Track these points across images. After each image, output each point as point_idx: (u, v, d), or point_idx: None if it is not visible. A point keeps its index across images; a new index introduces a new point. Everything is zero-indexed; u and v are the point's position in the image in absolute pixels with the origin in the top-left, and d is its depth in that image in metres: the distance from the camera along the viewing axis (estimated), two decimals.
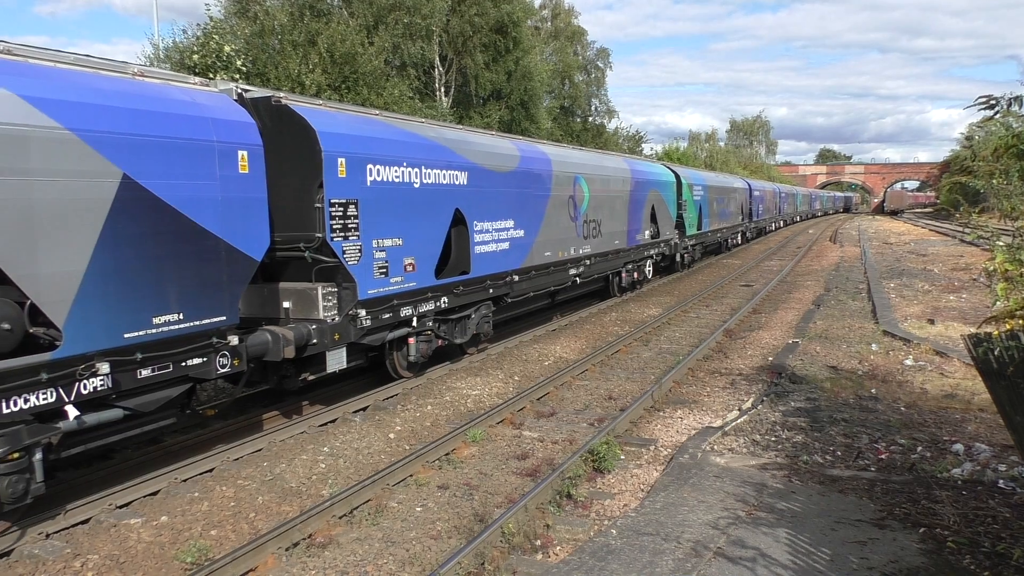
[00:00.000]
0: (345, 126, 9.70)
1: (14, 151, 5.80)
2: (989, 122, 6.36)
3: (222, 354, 7.74)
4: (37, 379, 6.05)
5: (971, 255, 29.92)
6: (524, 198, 14.19)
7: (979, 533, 5.83)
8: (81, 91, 6.45)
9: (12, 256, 5.80)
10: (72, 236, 6.21)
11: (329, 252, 9.19)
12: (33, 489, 6.18)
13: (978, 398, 9.69)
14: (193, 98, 7.62)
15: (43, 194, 6.01)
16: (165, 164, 6.98)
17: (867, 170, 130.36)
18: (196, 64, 21.36)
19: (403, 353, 11.11)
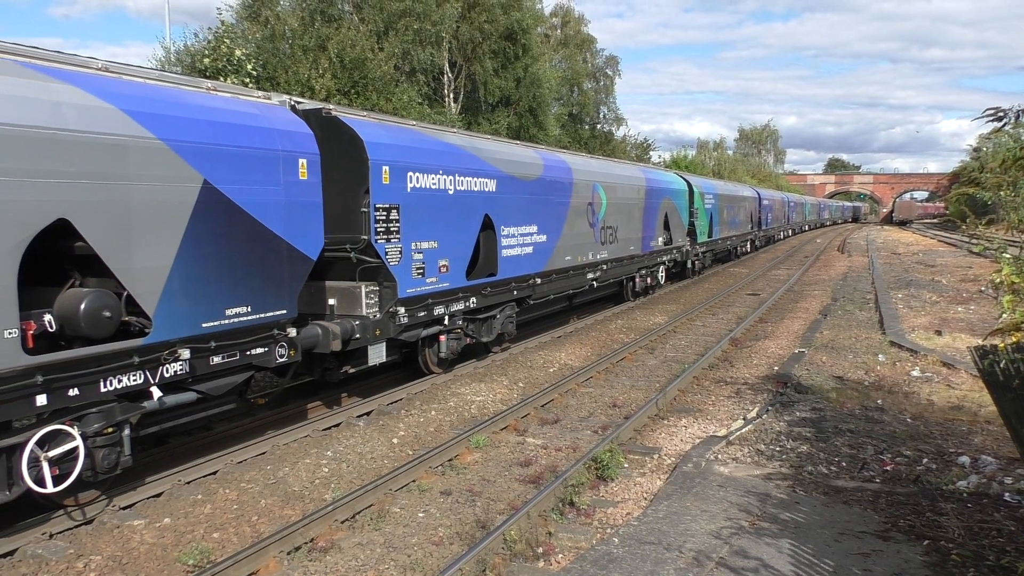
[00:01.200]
0: (388, 136, 10.38)
1: (117, 158, 6.49)
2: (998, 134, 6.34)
3: (280, 345, 8.41)
4: (130, 362, 6.73)
5: (979, 266, 29.79)
6: (547, 205, 14.80)
7: (984, 546, 5.79)
8: (169, 105, 7.16)
9: (113, 251, 6.47)
10: (161, 234, 6.88)
11: (373, 253, 9.87)
12: (122, 461, 6.82)
13: (985, 410, 9.64)
14: (260, 110, 8.35)
15: (138, 197, 6.66)
16: (238, 171, 7.68)
17: (876, 180, 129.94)
18: (207, 68, 21.49)
19: (434, 350, 11.79)
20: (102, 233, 6.38)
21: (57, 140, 6.04)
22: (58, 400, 6.22)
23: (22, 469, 5.99)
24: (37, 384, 5.99)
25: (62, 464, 6.30)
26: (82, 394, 6.39)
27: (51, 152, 6.00)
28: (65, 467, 6.33)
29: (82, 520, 6.76)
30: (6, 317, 5.70)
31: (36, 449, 6.10)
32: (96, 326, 6.39)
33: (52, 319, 6.28)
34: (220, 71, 21.53)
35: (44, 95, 6.06)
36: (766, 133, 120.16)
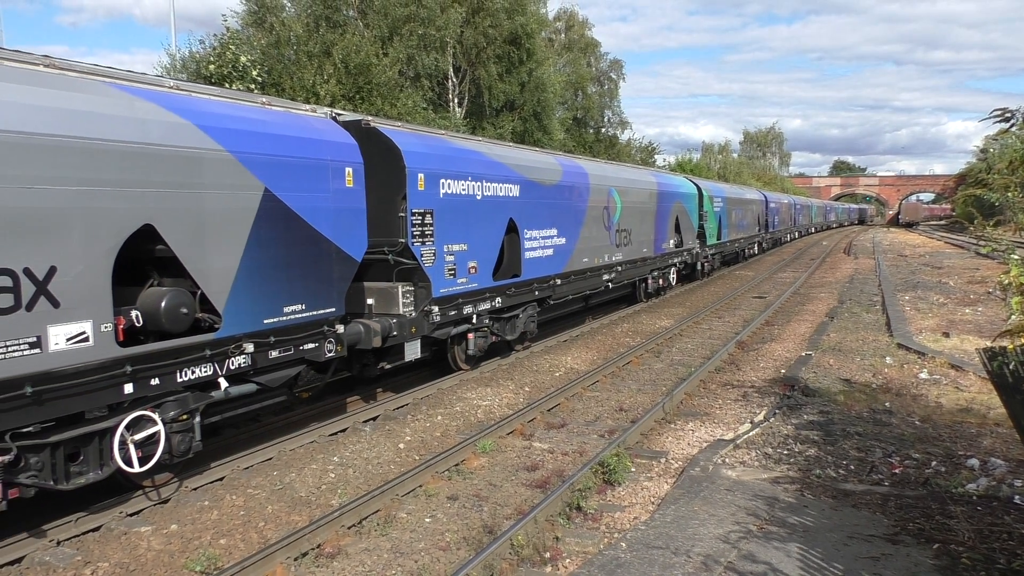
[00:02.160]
0: (422, 145, 11.04)
1: (193, 169, 7.13)
2: (1004, 135, 6.32)
3: (329, 340, 9.02)
4: (202, 355, 7.36)
5: (987, 268, 29.68)
6: (566, 209, 15.45)
7: (994, 549, 5.75)
8: (235, 119, 7.82)
9: (190, 253, 7.11)
10: (229, 238, 7.52)
11: (409, 255, 10.51)
12: (194, 446, 7.45)
13: (994, 412, 9.59)
14: (311, 123, 9.02)
15: (210, 204, 7.30)
16: (294, 179, 8.32)
17: (882, 182, 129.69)
18: (212, 74, 21.57)
19: (462, 347, 12.41)
20: (181, 237, 7.02)
21: (144, 153, 6.68)
22: (142, 389, 6.82)
23: (113, 450, 6.63)
24: (126, 374, 6.62)
25: (144, 447, 6.91)
26: (161, 383, 7.02)
27: (139, 164, 6.63)
28: (147, 450, 6.94)
29: (158, 500, 7.33)
30: (103, 312, 6.36)
31: (125, 433, 6.72)
32: (175, 321, 7.03)
33: (138, 315, 6.90)
34: (225, 77, 21.60)
35: (132, 113, 6.68)
36: (771, 136, 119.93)
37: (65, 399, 6.18)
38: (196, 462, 8.17)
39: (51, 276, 5.96)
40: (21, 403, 5.84)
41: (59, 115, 6.06)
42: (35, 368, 5.88)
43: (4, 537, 6.31)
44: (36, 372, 5.89)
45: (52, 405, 6.08)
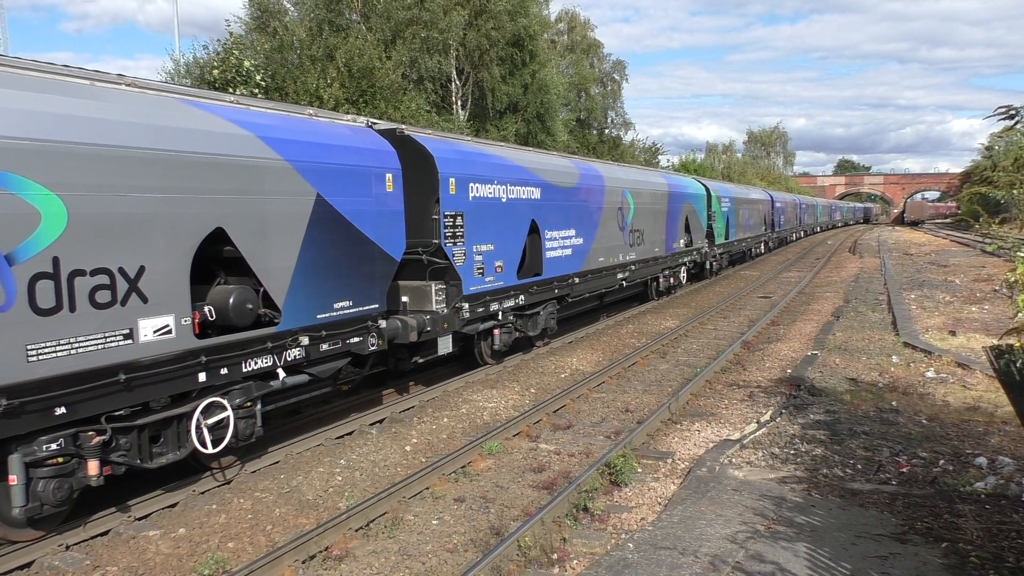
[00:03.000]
0: (453, 152, 11.70)
1: (256, 177, 7.76)
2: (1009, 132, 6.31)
3: (372, 334, 9.67)
4: (264, 347, 8.01)
5: (993, 265, 29.59)
6: (583, 210, 16.12)
7: (1003, 548, 5.74)
8: (290, 130, 8.46)
9: (254, 254, 7.75)
10: (287, 240, 8.19)
11: (442, 255, 11.17)
12: (256, 431, 8.06)
13: (1001, 410, 9.57)
14: (354, 133, 9.70)
15: (271, 208, 7.95)
16: (341, 185, 8.96)
17: (886, 180, 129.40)
18: (216, 79, 21.62)
19: (488, 343, 13.03)
20: (247, 239, 7.66)
21: (215, 163, 7.31)
22: (213, 377, 7.45)
23: (191, 433, 7.26)
24: (201, 363, 7.29)
25: (215, 431, 7.51)
26: (229, 373, 7.64)
27: (212, 173, 7.27)
28: (217, 434, 7.54)
29: (223, 481, 7.94)
30: (183, 307, 7.03)
31: (200, 417, 7.34)
32: (241, 316, 7.70)
33: (211, 310, 7.54)
34: (229, 82, 21.65)
35: (203, 126, 7.32)
36: (775, 135, 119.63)
37: (150, 386, 6.84)
38: (202, 466, 8.20)
39: (141, 275, 6.62)
40: (115, 389, 6.49)
41: (146, 130, 6.70)
42: (128, 357, 6.55)
43: (12, 541, 6.33)
44: (128, 361, 6.56)
45: (140, 391, 6.74)
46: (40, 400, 5.93)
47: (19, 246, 5.73)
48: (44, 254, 5.89)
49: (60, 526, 6.60)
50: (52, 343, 5.97)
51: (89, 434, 6.38)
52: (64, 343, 6.06)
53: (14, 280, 5.70)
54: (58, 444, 6.14)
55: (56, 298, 5.99)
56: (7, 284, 5.66)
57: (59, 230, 5.98)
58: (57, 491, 6.17)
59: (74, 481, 6.33)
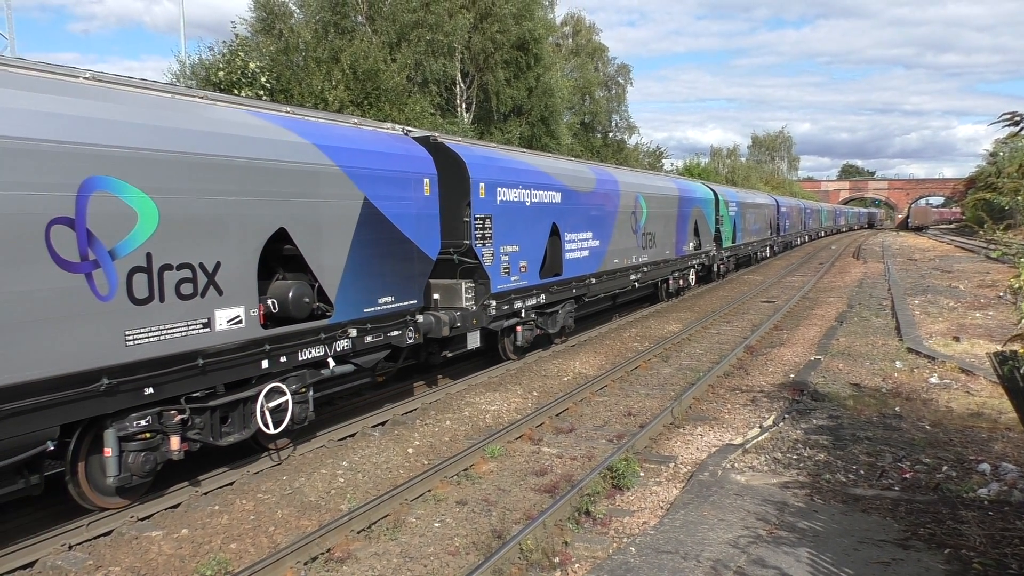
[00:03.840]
0: (482, 158, 12.45)
1: (313, 182, 8.48)
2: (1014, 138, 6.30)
3: (410, 328, 10.39)
4: (317, 338, 8.69)
5: (997, 272, 29.54)
6: (599, 214, 16.83)
7: (1006, 555, 5.73)
8: (341, 138, 9.18)
9: (311, 252, 8.45)
10: (338, 239, 8.89)
11: (472, 255, 11.88)
12: (309, 415, 8.71)
13: (1005, 417, 9.55)
14: (396, 140, 10.44)
15: (325, 211, 8.64)
16: (385, 189, 9.66)
17: (891, 186, 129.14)
18: (221, 80, 21.67)
19: (511, 339, 13.72)
20: (305, 238, 8.35)
21: (279, 169, 8.00)
22: (273, 365, 8.12)
23: (256, 415, 7.94)
24: (265, 351, 7.98)
25: (275, 414, 8.16)
26: (287, 361, 8.32)
27: (275, 178, 7.95)
28: (276, 417, 8.19)
29: (277, 461, 8.56)
30: (252, 300, 7.73)
31: (263, 401, 7.98)
32: (299, 309, 8.36)
33: (274, 302, 8.21)
34: (234, 84, 21.70)
35: (268, 135, 8.01)
36: (780, 140, 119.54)
37: (222, 370, 7.53)
38: (207, 465, 8.22)
39: (217, 269, 7.31)
40: (194, 372, 7.17)
41: (222, 139, 7.40)
42: (206, 344, 7.25)
43: (15, 541, 6.35)
44: (206, 347, 7.26)
45: (213, 375, 7.44)
46: (133, 381, 6.62)
47: (120, 243, 6.42)
48: (140, 250, 6.60)
49: (63, 523, 6.62)
50: (145, 330, 6.68)
51: (171, 413, 7.08)
52: (155, 330, 6.77)
53: (116, 273, 6.40)
54: (146, 421, 6.85)
55: (149, 289, 6.70)
56: (110, 276, 6.36)
57: (152, 229, 6.68)
58: (144, 463, 6.85)
59: (158, 455, 7.01)
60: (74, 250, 6.08)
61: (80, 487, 6.74)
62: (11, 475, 6.02)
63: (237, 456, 8.55)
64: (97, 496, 6.85)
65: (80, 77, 6.84)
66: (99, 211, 6.25)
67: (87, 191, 6.17)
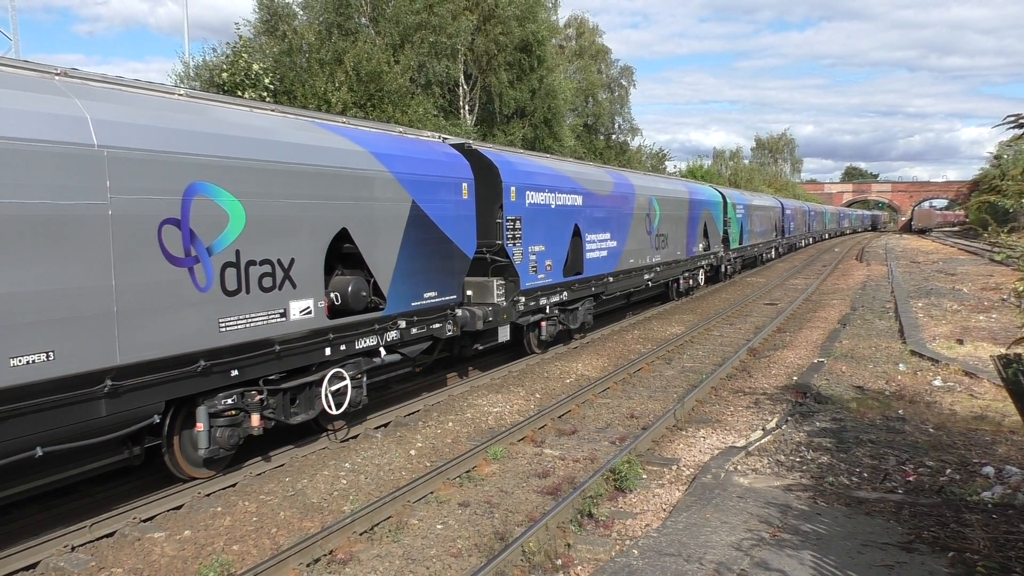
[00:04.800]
0: (512, 163, 13.28)
1: (370, 186, 9.32)
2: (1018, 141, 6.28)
3: (450, 321, 11.18)
4: (371, 328, 9.53)
5: (1001, 274, 29.48)
6: (617, 216, 17.64)
7: (1010, 558, 5.71)
8: (391, 146, 10.05)
9: (368, 250, 9.28)
10: (390, 239, 9.73)
11: (503, 254, 12.70)
12: (363, 399, 9.47)
13: (1009, 420, 9.52)
14: (438, 147, 11.37)
15: (379, 212, 9.50)
16: (430, 193, 10.49)
17: (894, 188, 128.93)
18: (225, 82, 21.68)
19: (536, 334, 14.48)
20: (363, 238, 9.17)
21: (342, 175, 8.85)
22: (334, 352, 8.89)
23: (321, 397, 8.73)
24: (328, 340, 8.77)
25: (335, 398, 8.92)
26: (346, 349, 9.10)
27: (340, 183, 8.80)
28: (337, 399, 8.95)
29: (338, 441, 9.33)
30: (319, 293, 8.56)
31: (326, 384, 8.74)
32: (357, 302, 9.14)
33: (336, 295, 8.97)
34: (238, 85, 21.72)
35: (332, 144, 8.88)
36: (783, 142, 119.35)
37: (293, 356, 8.32)
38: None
39: (292, 265, 8.15)
40: (271, 357, 7.97)
41: (297, 148, 8.25)
42: (282, 332, 8.07)
43: (18, 542, 6.35)
44: (282, 335, 8.07)
45: (287, 360, 8.22)
46: (223, 363, 7.41)
47: (215, 240, 7.25)
48: (231, 247, 7.41)
49: (66, 525, 6.63)
50: (234, 318, 7.49)
51: (252, 393, 7.86)
52: (242, 318, 7.57)
53: (212, 268, 7.21)
54: (232, 399, 7.63)
55: (238, 282, 7.51)
56: (208, 270, 7.17)
57: (240, 228, 7.49)
58: (230, 437, 7.66)
59: (241, 431, 7.77)
60: (180, 247, 6.90)
61: (175, 458, 7.54)
62: (118, 446, 6.81)
63: (241, 459, 8.56)
64: (189, 467, 7.66)
65: (176, 94, 7.74)
66: (199, 213, 7.06)
67: (190, 195, 6.98)
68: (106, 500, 7.34)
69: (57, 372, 5.91)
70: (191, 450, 7.57)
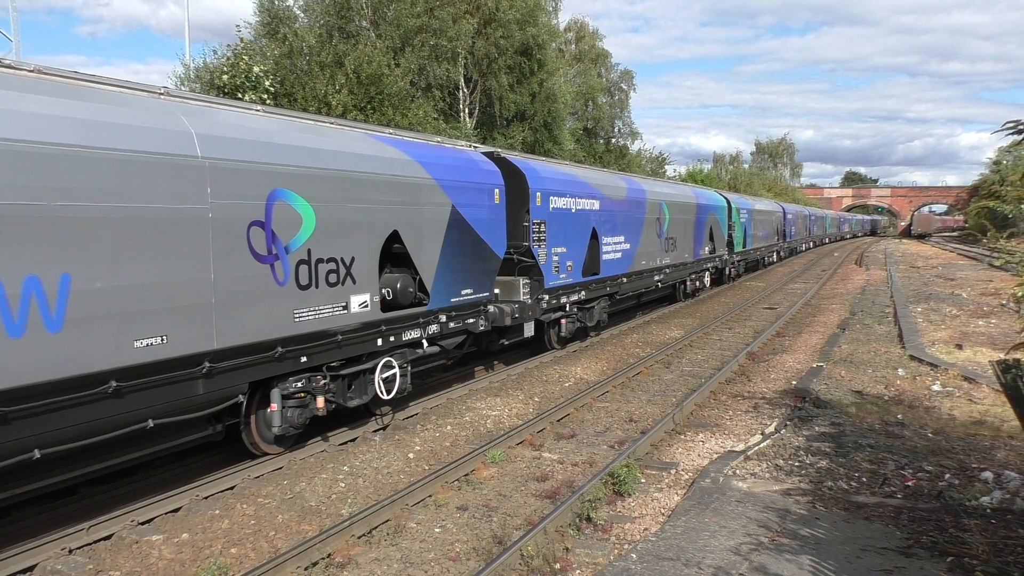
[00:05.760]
0: (538, 170, 14.21)
1: (416, 192, 10.20)
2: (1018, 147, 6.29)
3: (482, 317, 12.01)
4: (416, 322, 10.34)
5: (1000, 280, 29.48)
6: (630, 219, 18.60)
7: (1008, 563, 5.70)
8: (434, 155, 10.98)
9: (415, 251, 10.16)
10: (433, 240, 10.60)
11: (529, 255, 13.57)
12: (408, 387, 10.22)
13: (1007, 425, 9.52)
14: (473, 156, 12.32)
15: (424, 216, 10.35)
16: (467, 198, 11.38)
17: (894, 193, 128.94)
18: (225, 84, 21.70)
19: (556, 330, 15.40)
20: (410, 239, 10.05)
21: (395, 182, 9.76)
22: (385, 343, 9.71)
23: (375, 383, 9.52)
24: (381, 331, 9.62)
25: (385, 384, 9.68)
26: (394, 340, 9.90)
27: (392, 189, 9.70)
28: (387, 386, 9.70)
29: (381, 426, 10.10)
30: (374, 288, 9.43)
31: (379, 372, 9.52)
32: (405, 297, 10.05)
33: (388, 291, 9.82)
34: (238, 87, 21.74)
35: (385, 154, 9.78)
36: (783, 146, 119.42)
37: (351, 345, 9.14)
38: (206, 471, 8.22)
39: (352, 263, 9.01)
40: (333, 346, 8.80)
41: (358, 158, 9.17)
42: (344, 323, 8.91)
43: (15, 545, 6.34)
44: (343, 326, 8.91)
45: (346, 348, 9.06)
46: (295, 350, 8.23)
47: (291, 240, 8.12)
48: (304, 246, 8.27)
49: (65, 527, 6.61)
50: (306, 309, 8.32)
51: (317, 378, 8.69)
52: (312, 310, 8.41)
53: (289, 264, 8.07)
54: (301, 383, 8.46)
55: (309, 278, 8.36)
56: (285, 267, 8.02)
57: (311, 230, 8.35)
58: (299, 417, 8.48)
59: (307, 412, 8.58)
60: (264, 246, 7.74)
61: (252, 436, 8.38)
62: (206, 423, 7.62)
63: (239, 461, 8.55)
64: (263, 443, 8.50)
65: (253, 110, 8.78)
66: (279, 216, 7.92)
67: (272, 200, 7.84)
68: (104, 503, 7.33)
69: (169, 354, 6.75)
70: (265, 428, 8.44)
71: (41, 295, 5.76)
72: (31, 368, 5.70)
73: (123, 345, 6.34)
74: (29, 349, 5.67)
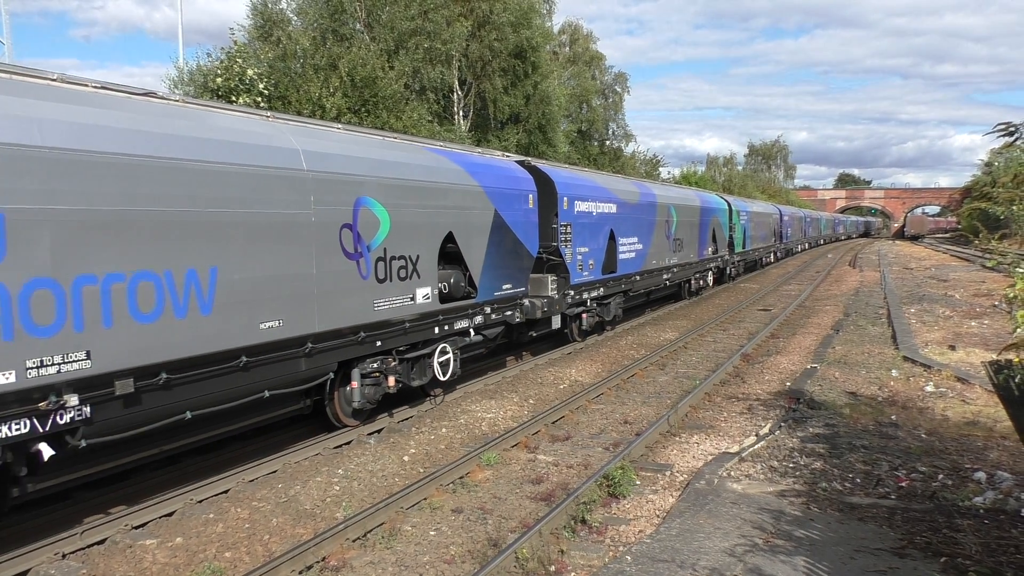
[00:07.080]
0: (564, 177, 15.74)
1: (466, 198, 11.58)
2: (1009, 148, 6.33)
3: (518, 310, 13.34)
4: (466, 312, 11.64)
5: (992, 281, 29.59)
6: (643, 222, 20.03)
7: (1001, 563, 5.72)
8: (479, 165, 12.43)
9: (465, 250, 11.48)
10: (480, 240, 11.95)
11: (557, 254, 14.95)
12: (458, 370, 11.45)
13: (1000, 425, 9.55)
14: (510, 165, 13.91)
15: (473, 219, 11.75)
16: (507, 203, 12.77)
17: (887, 195, 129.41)
18: (219, 87, 21.65)
19: (578, 324, 16.66)
20: (462, 240, 11.38)
21: (448, 189, 11.09)
22: (440, 331, 10.96)
23: (433, 366, 10.82)
24: (438, 320, 10.87)
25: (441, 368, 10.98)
26: (448, 329, 11.15)
27: (447, 196, 11.04)
28: (442, 369, 11.01)
29: (432, 405, 11.37)
30: (434, 282, 10.69)
31: (437, 356, 10.83)
32: (458, 290, 11.40)
33: (445, 284, 11.08)
34: (232, 90, 21.69)
35: (440, 164, 11.17)
36: (776, 148, 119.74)
37: (415, 332, 10.40)
38: (200, 475, 8.21)
39: (418, 260, 10.31)
40: (401, 332, 10.10)
41: (420, 168, 10.54)
42: (410, 313, 10.22)
43: (9, 550, 6.32)
44: (410, 315, 10.21)
45: (411, 335, 10.33)
46: (373, 335, 9.51)
47: (372, 240, 9.44)
48: (381, 246, 9.60)
49: (63, 530, 6.59)
50: (382, 300, 9.64)
51: (388, 360, 9.90)
52: (387, 300, 9.71)
53: (370, 261, 9.39)
54: (376, 364, 9.72)
55: (385, 273, 9.68)
56: (367, 263, 9.34)
57: (387, 231, 9.69)
58: (374, 394, 9.79)
59: (380, 389, 9.83)
60: (352, 245, 9.04)
61: (335, 409, 9.68)
62: (300, 397, 9.05)
63: (234, 465, 8.53)
64: (344, 416, 9.79)
65: (335, 127, 10.21)
66: (364, 219, 9.23)
67: (358, 206, 9.15)
68: (97, 507, 7.31)
69: (284, 335, 8.06)
70: (345, 404, 9.70)
71: (197, 284, 7.06)
72: (190, 342, 6.97)
73: (252, 327, 7.64)
74: (189, 328, 6.95)
